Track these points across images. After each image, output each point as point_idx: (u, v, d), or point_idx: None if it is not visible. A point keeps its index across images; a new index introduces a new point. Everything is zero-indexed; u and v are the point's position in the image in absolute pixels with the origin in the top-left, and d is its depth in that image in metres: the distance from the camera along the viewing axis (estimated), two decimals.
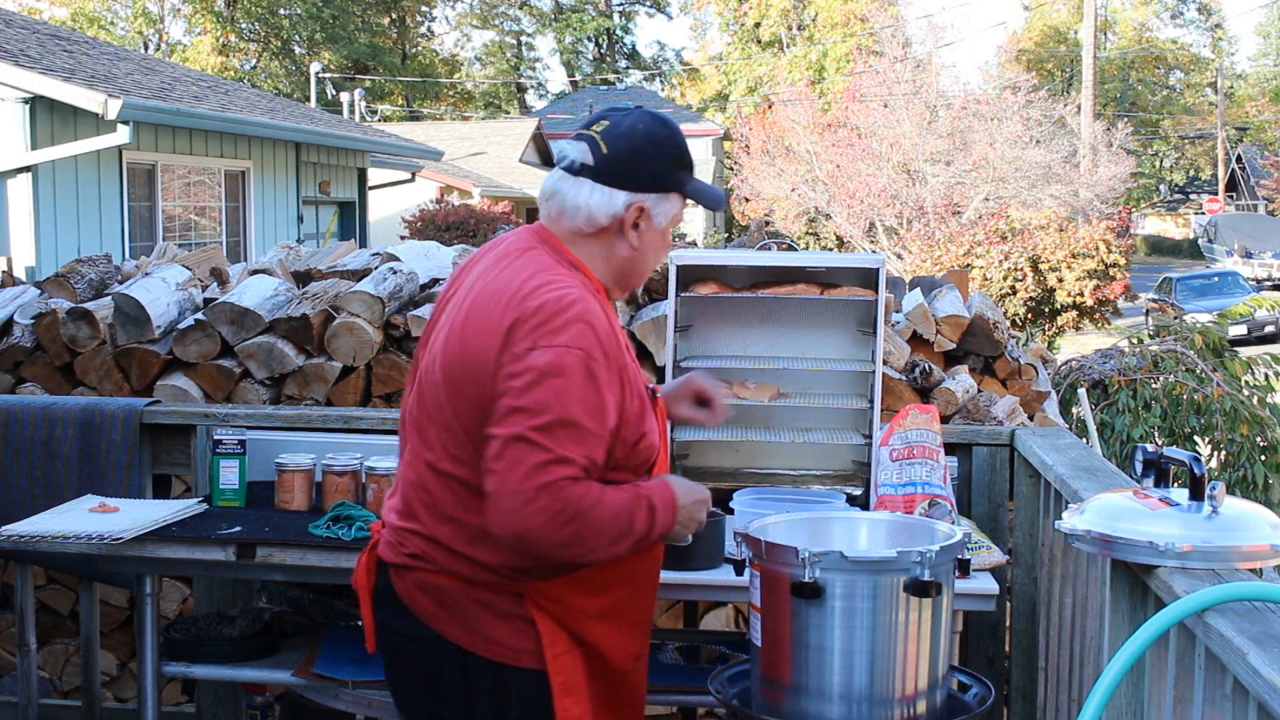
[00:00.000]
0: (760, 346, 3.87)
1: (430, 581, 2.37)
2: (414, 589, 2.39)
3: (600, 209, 2.38)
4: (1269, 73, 60.00)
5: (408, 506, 2.42)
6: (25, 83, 10.54)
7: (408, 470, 2.44)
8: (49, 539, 3.20)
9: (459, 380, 2.30)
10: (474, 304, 2.34)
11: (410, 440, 2.44)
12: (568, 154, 2.41)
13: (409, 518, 2.41)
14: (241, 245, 14.25)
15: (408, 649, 2.44)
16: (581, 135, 2.42)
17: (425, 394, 2.39)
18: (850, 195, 24.54)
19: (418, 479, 2.39)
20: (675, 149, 2.44)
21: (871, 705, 2.39)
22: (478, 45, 55.65)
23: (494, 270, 2.38)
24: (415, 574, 2.39)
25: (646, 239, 2.43)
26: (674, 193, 2.44)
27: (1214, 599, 1.93)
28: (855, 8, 41.80)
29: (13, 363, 4.31)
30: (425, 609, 2.38)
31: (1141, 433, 6.20)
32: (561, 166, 2.42)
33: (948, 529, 2.62)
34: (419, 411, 2.41)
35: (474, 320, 2.31)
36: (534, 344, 2.23)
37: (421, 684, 2.44)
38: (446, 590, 2.36)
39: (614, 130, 2.40)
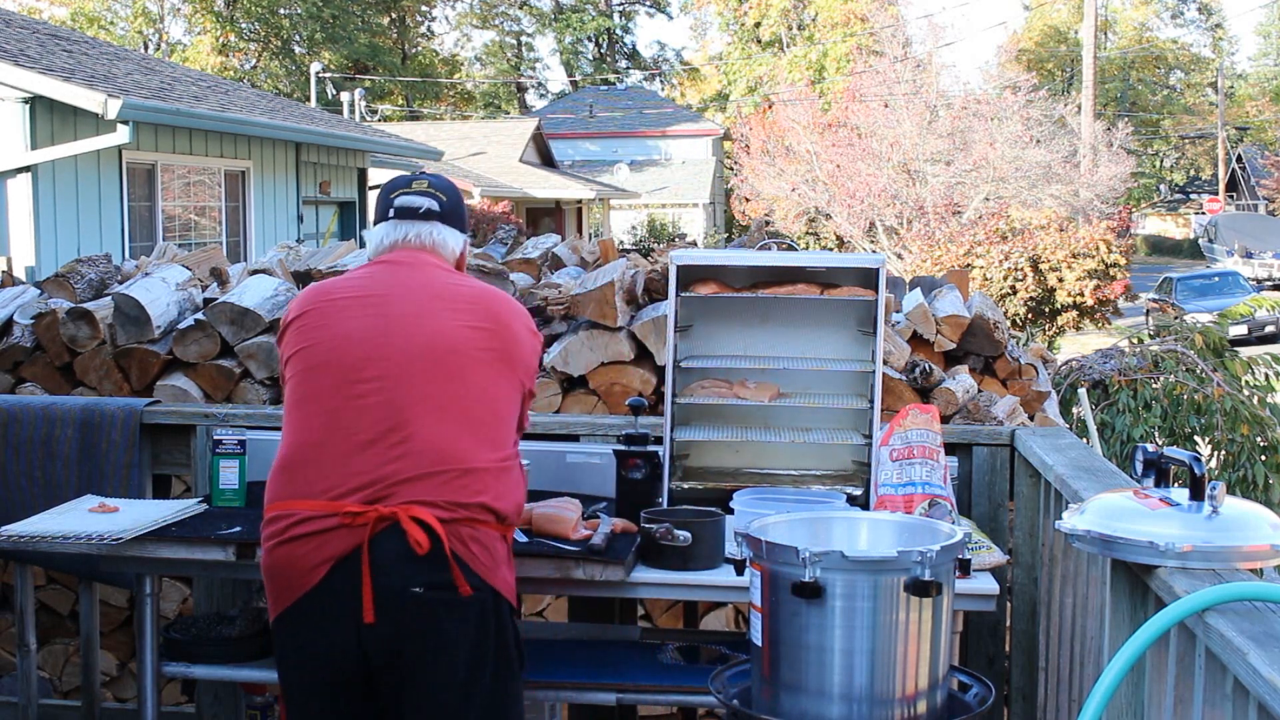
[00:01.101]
0: (760, 346, 3.87)
1: (481, 532, 2.64)
2: (469, 542, 2.62)
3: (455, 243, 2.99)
4: (1269, 73, 59.99)
5: (442, 458, 2.62)
6: (25, 83, 10.54)
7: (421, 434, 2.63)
8: (49, 539, 3.20)
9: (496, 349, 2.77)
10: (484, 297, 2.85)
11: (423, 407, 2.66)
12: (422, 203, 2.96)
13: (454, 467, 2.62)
14: (241, 245, 14.24)
15: (446, 600, 2.58)
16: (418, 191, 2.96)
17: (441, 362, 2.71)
18: (850, 195, 24.55)
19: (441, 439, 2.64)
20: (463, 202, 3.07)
21: (871, 705, 2.39)
22: (478, 45, 55.72)
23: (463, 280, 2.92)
24: (468, 526, 2.62)
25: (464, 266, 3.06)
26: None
27: (1214, 599, 1.93)
28: (855, 8, 41.81)
29: (13, 363, 4.31)
30: (480, 561, 2.63)
31: (1141, 433, 6.20)
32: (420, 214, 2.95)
33: (948, 529, 2.62)
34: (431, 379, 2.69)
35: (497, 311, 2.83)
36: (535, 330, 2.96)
37: (466, 636, 2.60)
38: (491, 538, 2.66)
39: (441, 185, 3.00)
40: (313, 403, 2.70)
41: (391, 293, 2.79)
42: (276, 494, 2.69)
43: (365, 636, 2.58)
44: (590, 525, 3.21)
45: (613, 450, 3.50)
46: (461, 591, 2.58)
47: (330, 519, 2.58)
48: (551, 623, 4.16)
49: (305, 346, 2.75)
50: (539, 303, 4.28)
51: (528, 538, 3.14)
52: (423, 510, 2.57)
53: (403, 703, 2.62)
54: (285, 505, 2.65)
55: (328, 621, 2.60)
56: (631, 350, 4.10)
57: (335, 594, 2.58)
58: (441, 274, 2.86)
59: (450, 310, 2.77)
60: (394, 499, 2.58)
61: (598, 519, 3.26)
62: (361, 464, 2.61)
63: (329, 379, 2.69)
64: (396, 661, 2.59)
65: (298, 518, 2.62)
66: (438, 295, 2.79)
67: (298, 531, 2.61)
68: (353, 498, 2.59)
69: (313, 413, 2.69)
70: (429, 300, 2.78)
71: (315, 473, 2.63)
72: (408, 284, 2.80)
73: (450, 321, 2.75)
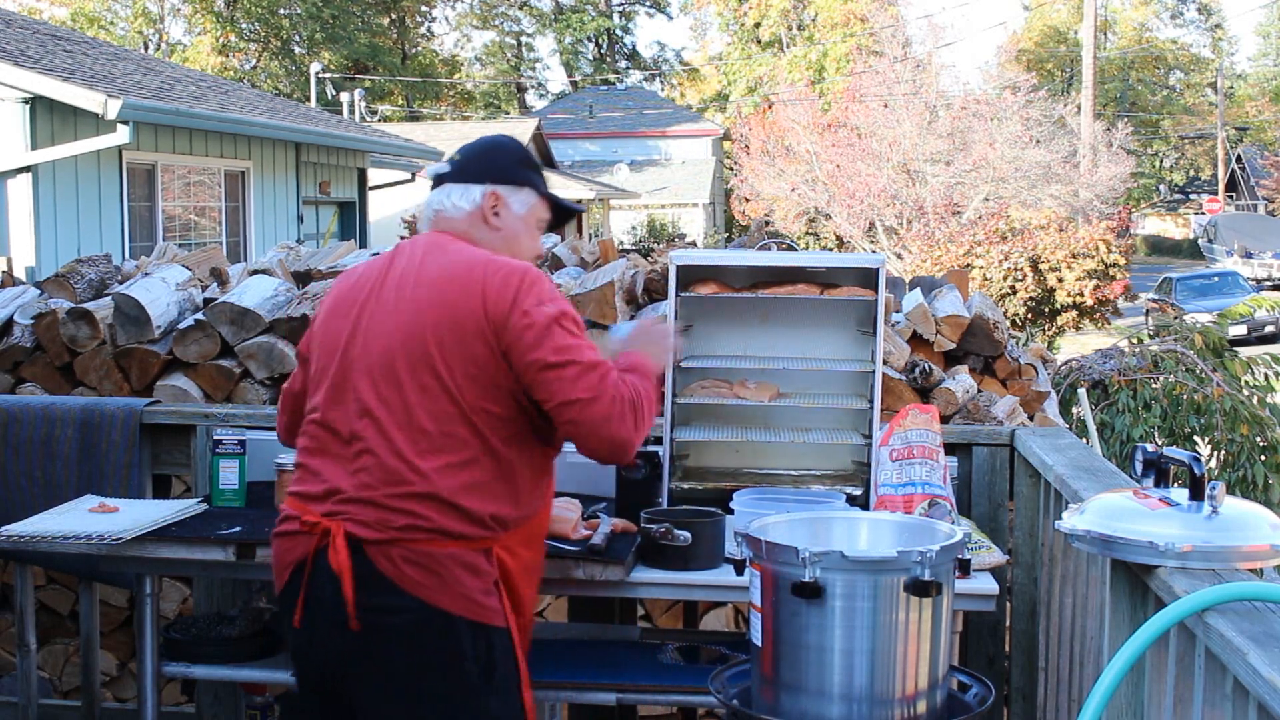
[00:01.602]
0: (760, 346, 3.87)
1: (419, 550, 2.51)
2: (400, 562, 2.51)
3: (462, 201, 2.74)
4: (1269, 73, 59.99)
5: (388, 476, 2.52)
6: (25, 83, 10.54)
7: (378, 442, 2.54)
8: (49, 539, 3.20)
9: (450, 343, 2.55)
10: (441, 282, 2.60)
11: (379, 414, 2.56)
12: (436, 170, 2.81)
13: (394, 483, 2.51)
14: (241, 245, 14.24)
15: (392, 624, 2.51)
16: (446, 162, 2.83)
17: (400, 366, 2.56)
18: (850, 195, 24.55)
19: (394, 446, 2.53)
20: (517, 151, 2.85)
21: (871, 705, 2.39)
22: (478, 45, 55.69)
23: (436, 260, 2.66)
24: (402, 546, 2.51)
25: (510, 224, 2.76)
26: (525, 186, 2.79)
27: (1214, 599, 1.93)
28: (855, 8, 41.80)
29: (13, 363, 4.31)
30: (412, 579, 2.51)
31: (1141, 433, 6.20)
32: (433, 184, 2.79)
33: (948, 529, 2.62)
34: (386, 383, 2.57)
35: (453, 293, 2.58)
36: (539, 299, 2.58)
37: (403, 659, 2.52)
38: (434, 556, 2.51)
39: (464, 146, 2.85)
40: (311, 402, 2.72)
41: (365, 283, 2.71)
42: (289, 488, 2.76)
43: (311, 646, 2.62)
44: (590, 525, 3.21)
45: None
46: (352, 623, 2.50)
47: (294, 522, 2.63)
48: (551, 623, 4.16)
49: (318, 346, 2.75)
50: None
51: None
52: (354, 528, 2.53)
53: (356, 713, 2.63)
54: (285, 501, 2.73)
55: (289, 622, 2.66)
56: None
57: (290, 598, 2.63)
58: (425, 253, 2.68)
59: (410, 303, 2.60)
60: (342, 514, 2.55)
61: (598, 519, 3.26)
62: (328, 472, 2.61)
63: (316, 379, 2.72)
64: (342, 676, 2.61)
65: (282, 515, 2.70)
66: (405, 280, 2.64)
67: (280, 529, 2.69)
68: (316, 506, 2.60)
69: (310, 414, 2.71)
70: (393, 295, 2.64)
71: (305, 474, 2.68)
72: (384, 276, 2.69)
73: (406, 318, 2.59)
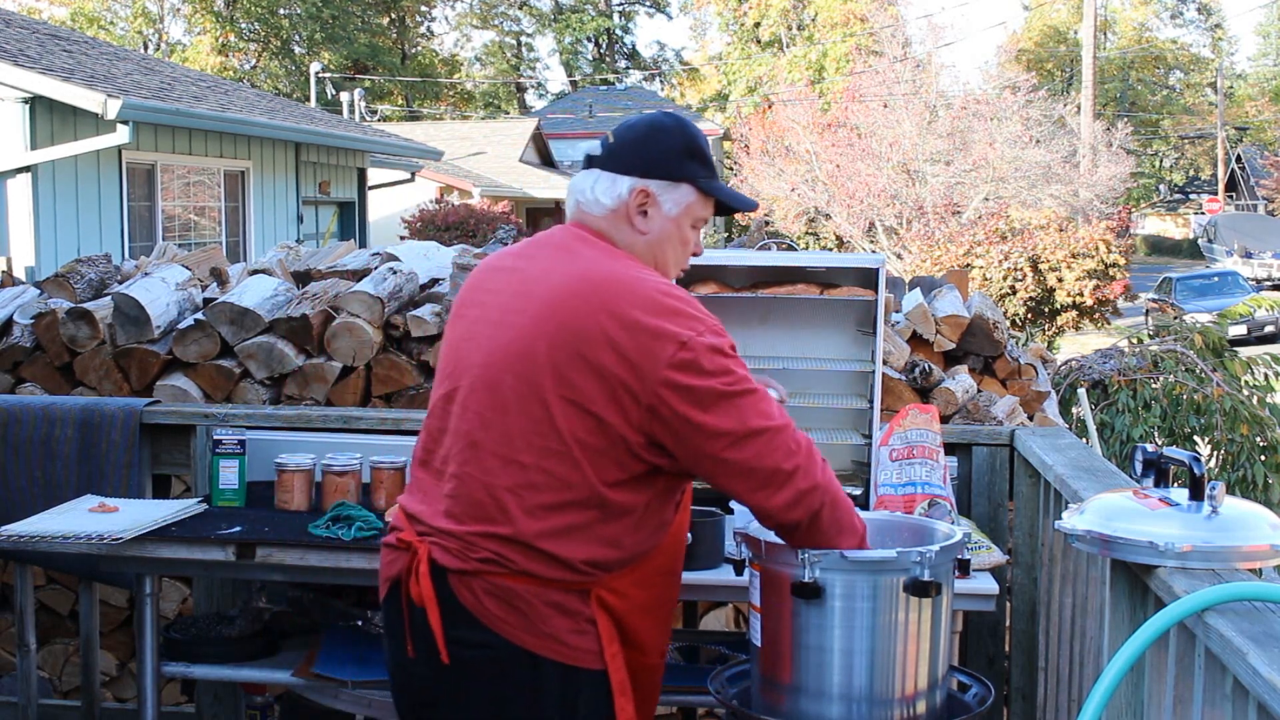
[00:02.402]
0: (760, 346, 3.87)
1: (502, 585, 2.30)
2: (483, 595, 2.31)
3: (606, 194, 2.40)
4: (1269, 73, 60.00)
5: (473, 509, 2.32)
6: (25, 83, 10.54)
7: (469, 470, 2.32)
8: (49, 539, 3.20)
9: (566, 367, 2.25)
10: (564, 294, 2.29)
11: (473, 439, 2.33)
12: (589, 151, 2.46)
13: (477, 520, 2.31)
14: (241, 245, 14.25)
15: (474, 659, 2.33)
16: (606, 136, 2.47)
17: (501, 389, 2.30)
18: (850, 195, 24.54)
19: (485, 478, 2.31)
20: (684, 139, 2.43)
21: (871, 705, 2.39)
22: (477, 45, 55.71)
23: (560, 268, 2.35)
24: (485, 579, 2.31)
25: (657, 225, 2.42)
26: (683, 182, 2.42)
27: (1214, 599, 1.93)
28: (855, 8, 41.80)
29: (12, 363, 4.31)
30: (494, 615, 2.31)
31: (1141, 433, 6.20)
32: (584, 166, 2.45)
33: (948, 529, 2.62)
34: (487, 409, 2.32)
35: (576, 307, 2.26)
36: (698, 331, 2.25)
37: (486, 695, 2.35)
38: (518, 593, 2.31)
39: (623, 124, 2.46)
40: (428, 415, 2.51)
41: (492, 286, 2.44)
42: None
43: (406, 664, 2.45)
44: None
45: None
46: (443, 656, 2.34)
47: (394, 535, 2.47)
48: None
49: (445, 342, 2.54)
50: None
51: None
52: (440, 554, 2.34)
53: None
54: (396, 512, 2.54)
55: (391, 638, 2.49)
56: None
57: (391, 616, 2.47)
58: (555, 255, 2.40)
59: (525, 317, 2.31)
60: (430, 536, 2.38)
61: None
62: (427, 490, 2.44)
63: (440, 390, 2.48)
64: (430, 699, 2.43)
65: (391, 524, 2.53)
66: (522, 294, 2.35)
67: (387, 539, 2.51)
68: (413, 524, 2.43)
69: (427, 424, 2.50)
70: (512, 297, 2.37)
71: (413, 486, 2.50)
72: (506, 283, 2.41)
73: (516, 336, 2.31)
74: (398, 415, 3.95)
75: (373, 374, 4.17)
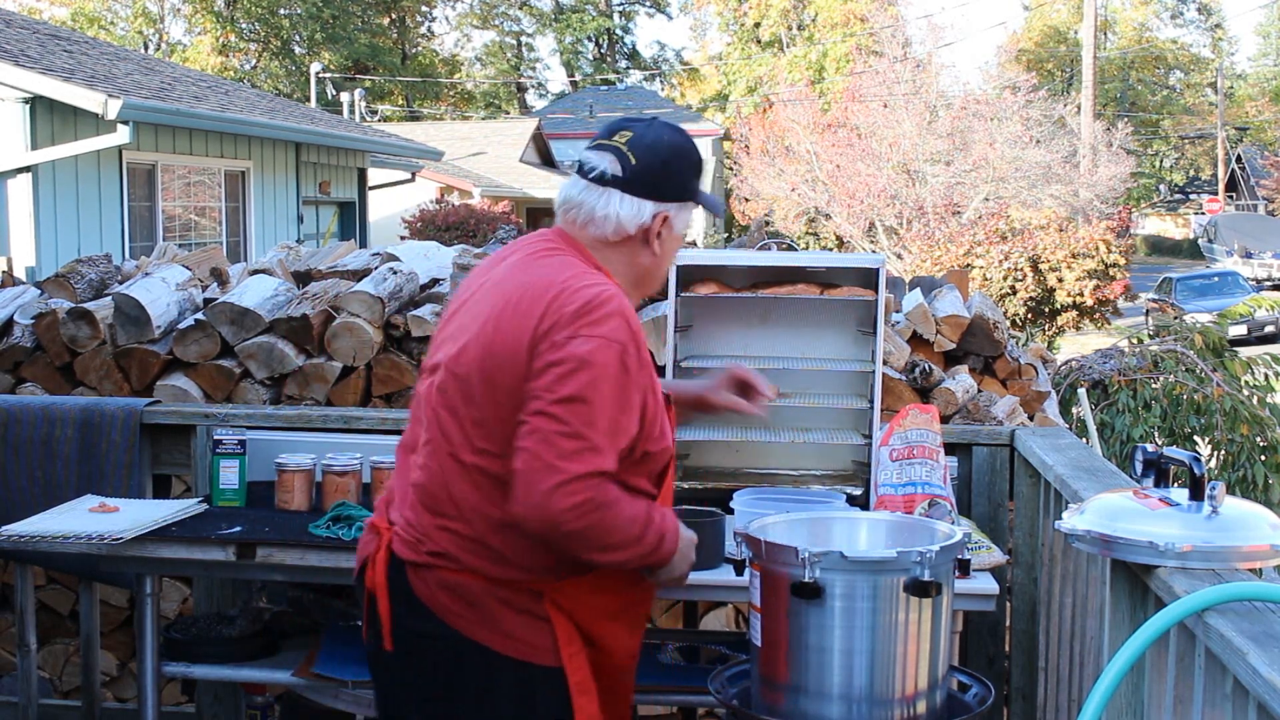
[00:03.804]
0: (760, 346, 3.87)
1: (452, 580, 2.37)
2: (435, 588, 2.38)
3: (629, 219, 2.44)
4: (1269, 73, 59.98)
5: (430, 502, 2.39)
6: (25, 83, 10.54)
7: (429, 463, 2.40)
8: (49, 539, 3.20)
9: (493, 371, 2.32)
10: (508, 298, 2.37)
11: (430, 435, 2.41)
12: (596, 164, 2.45)
13: (432, 513, 2.39)
14: (241, 245, 14.24)
15: (427, 649, 2.41)
16: (605, 146, 2.46)
17: (449, 388, 2.38)
18: (850, 195, 24.55)
19: (441, 474, 2.38)
20: (696, 160, 2.53)
21: (871, 705, 2.39)
22: (478, 45, 55.69)
23: (524, 267, 2.42)
24: (437, 573, 2.38)
25: (667, 247, 2.50)
26: (691, 202, 2.52)
27: (1214, 599, 1.93)
28: (855, 8, 41.81)
29: (13, 363, 4.31)
30: (447, 607, 2.37)
31: (1141, 433, 6.20)
32: (590, 177, 2.45)
33: (948, 529, 2.62)
34: (441, 406, 2.39)
35: (509, 313, 2.34)
36: (574, 333, 2.28)
37: (440, 685, 2.41)
38: (469, 588, 2.36)
39: (640, 142, 2.45)
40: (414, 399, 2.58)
41: (471, 289, 2.50)
42: None
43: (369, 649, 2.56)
44: None
45: None
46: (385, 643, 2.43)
47: (376, 516, 2.57)
48: None
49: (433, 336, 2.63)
50: None
51: None
52: (398, 545, 2.42)
53: None
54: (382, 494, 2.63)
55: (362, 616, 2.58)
56: None
57: (358, 592, 2.57)
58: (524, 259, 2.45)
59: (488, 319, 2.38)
60: (396, 525, 2.46)
61: None
62: (399, 476, 2.53)
63: (420, 381, 2.55)
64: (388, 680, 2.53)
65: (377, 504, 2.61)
66: (487, 295, 2.42)
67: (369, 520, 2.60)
68: (389, 510, 2.52)
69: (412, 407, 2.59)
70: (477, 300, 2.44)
71: (396, 468, 2.58)
72: (479, 283, 2.48)
73: (478, 337, 2.37)
74: (398, 415, 3.95)
75: (373, 374, 4.17)
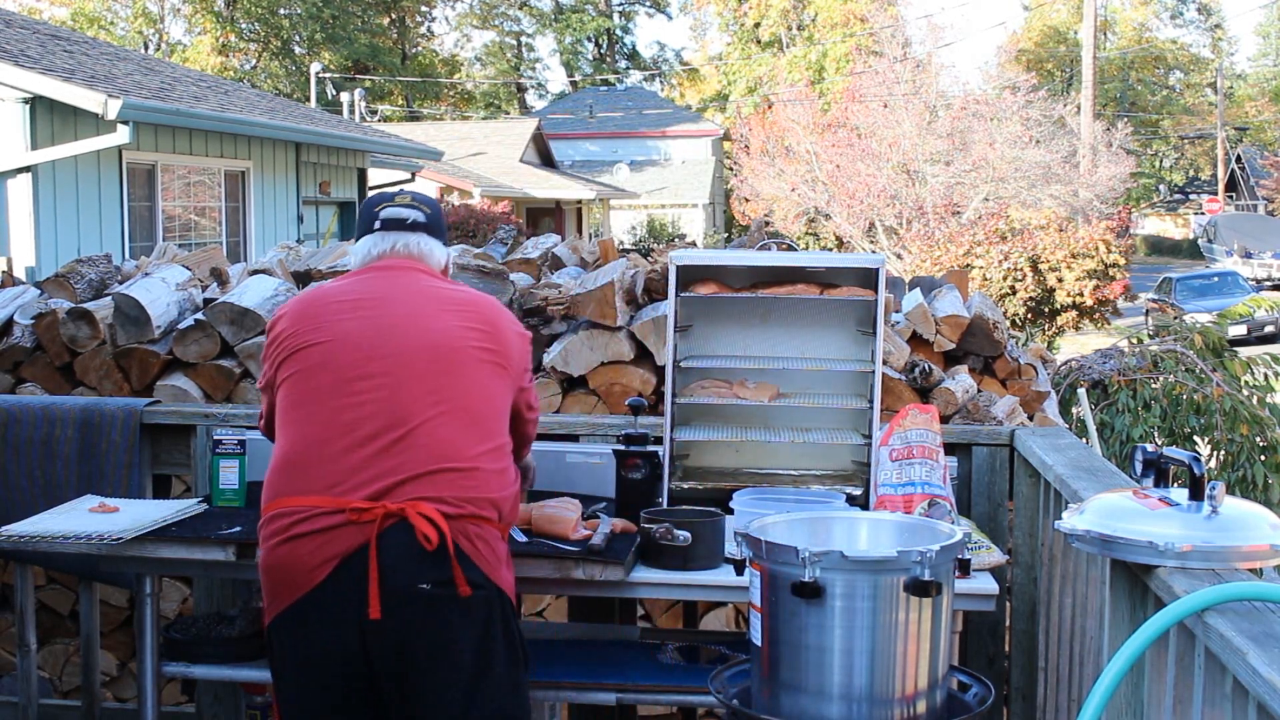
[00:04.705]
0: (760, 346, 3.87)
1: (484, 529, 2.66)
2: (474, 539, 2.63)
3: (440, 254, 3.02)
4: (1269, 73, 60.00)
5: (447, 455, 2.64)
6: (25, 83, 10.53)
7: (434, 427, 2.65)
8: (49, 539, 3.20)
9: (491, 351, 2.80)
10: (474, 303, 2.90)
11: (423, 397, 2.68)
12: (405, 214, 2.99)
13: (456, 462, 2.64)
14: (241, 245, 14.24)
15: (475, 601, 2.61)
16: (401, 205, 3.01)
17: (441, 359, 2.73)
18: (850, 195, 24.56)
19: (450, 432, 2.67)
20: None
21: (871, 705, 2.39)
22: (478, 45, 55.71)
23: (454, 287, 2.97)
24: (472, 523, 2.64)
25: None
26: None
27: (1214, 599, 1.93)
28: (855, 8, 41.81)
29: (13, 363, 4.31)
30: (484, 557, 2.65)
31: (1141, 433, 6.19)
32: (399, 224, 2.98)
33: (948, 529, 2.62)
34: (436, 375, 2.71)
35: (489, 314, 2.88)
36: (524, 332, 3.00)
37: (480, 636, 2.62)
38: (493, 535, 2.69)
39: (421, 199, 3.04)
40: (313, 403, 2.68)
41: (389, 295, 2.84)
42: (277, 491, 2.65)
43: (370, 635, 2.56)
44: (590, 525, 3.21)
45: (612, 450, 3.50)
46: (462, 590, 2.58)
47: (337, 515, 2.55)
48: (551, 623, 4.16)
49: (301, 348, 2.74)
50: (539, 303, 4.28)
51: (527, 538, 3.14)
52: (429, 506, 2.57)
53: (408, 702, 2.59)
54: (287, 502, 2.62)
55: (330, 622, 2.57)
56: (631, 350, 4.10)
57: (339, 593, 2.55)
58: (432, 279, 2.93)
59: (445, 311, 2.82)
60: (400, 495, 2.57)
61: (598, 519, 3.26)
62: (365, 460, 2.60)
63: (328, 379, 2.68)
64: (401, 660, 2.56)
65: (302, 514, 2.58)
66: (432, 298, 2.85)
67: (302, 529, 2.58)
68: (358, 494, 2.57)
69: (314, 412, 2.67)
70: (424, 302, 2.84)
71: (318, 470, 2.60)
72: (403, 287, 2.86)
73: (447, 321, 2.80)
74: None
75: None
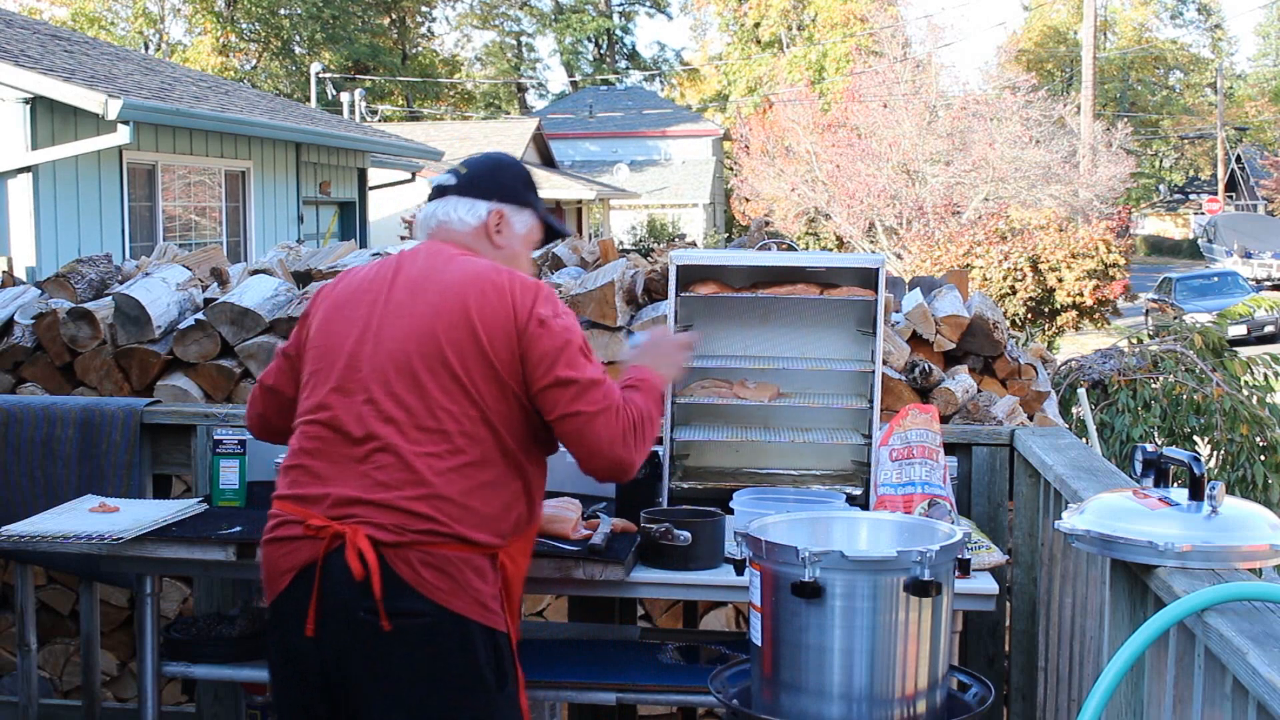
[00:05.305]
0: (760, 346, 3.87)
1: (435, 554, 2.51)
2: (419, 566, 2.51)
3: (468, 214, 2.80)
4: (1269, 73, 59.99)
5: (409, 475, 2.53)
6: (26, 83, 10.54)
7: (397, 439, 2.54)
8: (49, 539, 3.20)
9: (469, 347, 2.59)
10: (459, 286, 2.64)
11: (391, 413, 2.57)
12: (435, 181, 2.88)
13: (414, 485, 2.52)
14: (241, 245, 14.24)
15: (409, 628, 2.50)
16: (449, 172, 2.88)
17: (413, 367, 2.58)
18: (850, 195, 24.56)
19: (417, 446, 2.54)
20: (521, 171, 2.93)
21: (871, 705, 2.39)
22: (478, 45, 55.71)
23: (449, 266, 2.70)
24: (419, 550, 2.51)
25: (509, 241, 2.83)
26: (527, 208, 2.87)
27: (1213, 599, 1.93)
28: (855, 8, 41.81)
29: (13, 363, 4.31)
30: (430, 584, 2.51)
31: (1141, 433, 6.20)
32: (431, 197, 2.85)
33: (948, 529, 2.62)
34: (403, 385, 2.58)
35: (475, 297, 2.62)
36: (554, 312, 2.65)
37: (423, 663, 2.52)
38: (450, 560, 2.53)
39: (470, 160, 2.92)
40: (317, 407, 2.67)
41: (375, 293, 2.71)
42: (276, 491, 2.71)
43: (318, 650, 2.57)
44: (590, 525, 3.21)
45: None
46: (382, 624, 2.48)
47: (297, 527, 2.58)
48: (551, 623, 4.17)
49: (315, 348, 2.73)
50: None
51: None
52: (373, 531, 2.51)
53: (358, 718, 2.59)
54: (277, 504, 2.67)
55: (290, 627, 2.59)
56: None
57: (295, 603, 2.57)
58: (431, 260, 2.72)
59: (422, 306, 2.63)
60: (354, 517, 2.53)
61: (598, 519, 3.26)
62: (336, 475, 2.58)
63: (327, 383, 2.67)
64: (345, 678, 2.57)
65: (280, 519, 2.63)
66: (414, 290, 2.67)
67: (277, 534, 2.63)
68: (320, 508, 2.56)
69: (315, 416, 2.67)
70: (406, 298, 2.66)
71: (303, 476, 2.63)
72: (392, 281, 2.71)
73: (421, 322, 2.62)
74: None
75: None
